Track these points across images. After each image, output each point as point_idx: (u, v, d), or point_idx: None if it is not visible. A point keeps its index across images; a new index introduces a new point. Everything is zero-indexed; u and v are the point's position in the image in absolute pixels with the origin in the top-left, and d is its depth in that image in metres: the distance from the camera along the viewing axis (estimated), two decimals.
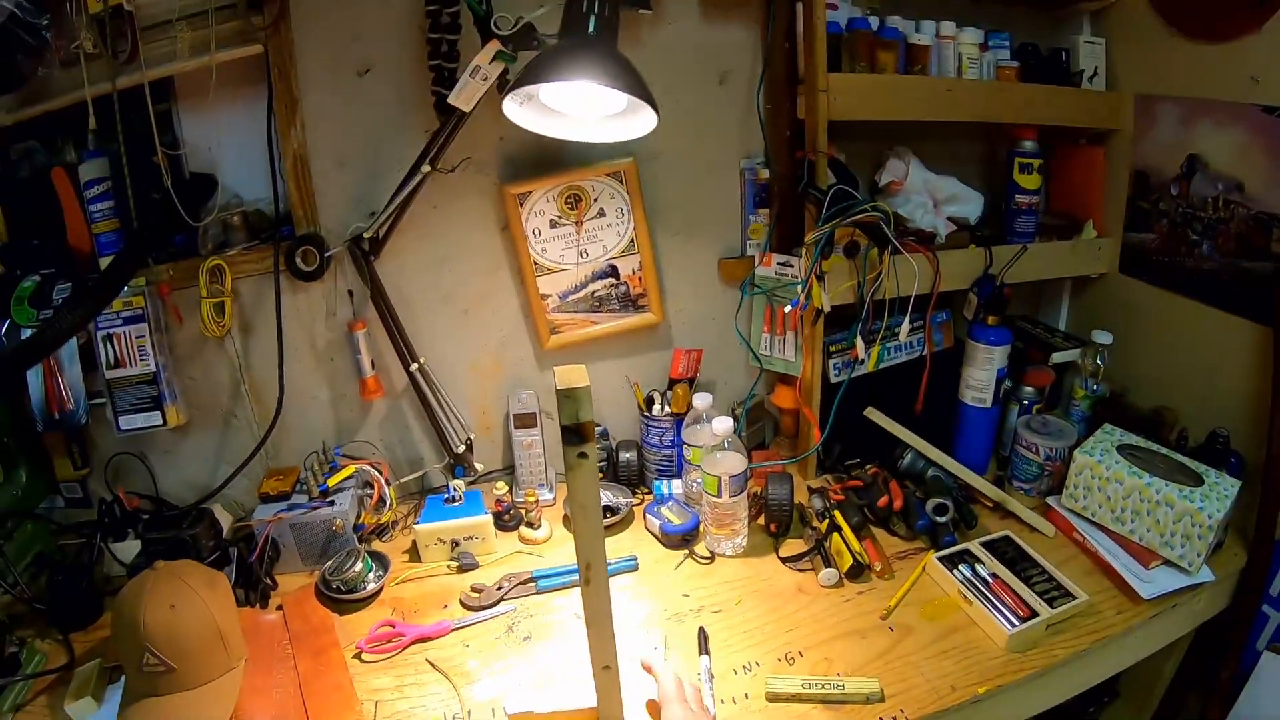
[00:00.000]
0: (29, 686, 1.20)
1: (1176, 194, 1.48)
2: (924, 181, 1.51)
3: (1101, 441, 1.38)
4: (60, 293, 1.34)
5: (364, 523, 1.47)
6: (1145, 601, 1.23)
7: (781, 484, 1.42)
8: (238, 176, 1.43)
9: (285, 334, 1.43)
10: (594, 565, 0.87)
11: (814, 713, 1.12)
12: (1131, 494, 1.29)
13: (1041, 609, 1.20)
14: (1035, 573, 1.28)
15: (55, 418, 1.38)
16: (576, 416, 0.81)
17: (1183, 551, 1.25)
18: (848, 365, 1.50)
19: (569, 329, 1.57)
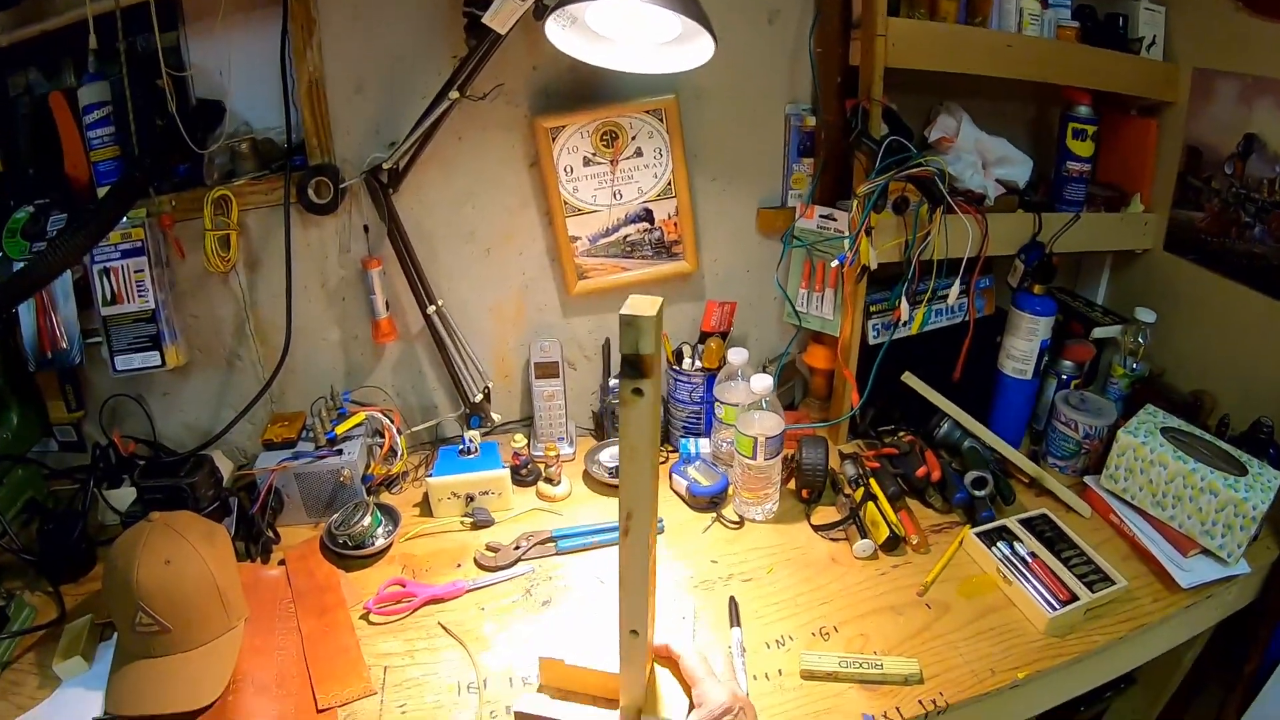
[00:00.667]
0: (16, 643, 1.09)
1: (1230, 173, 1.36)
2: (975, 140, 1.38)
3: (1145, 423, 1.27)
4: (55, 224, 1.23)
5: (373, 474, 1.34)
6: (1182, 590, 1.14)
7: (816, 448, 1.31)
8: (247, 102, 1.30)
9: (294, 271, 1.29)
10: (637, 515, 0.74)
11: (850, 692, 1.02)
12: (1175, 479, 1.18)
13: (1082, 593, 1.10)
14: (1074, 554, 1.18)
15: (48, 357, 1.26)
16: (636, 347, 0.67)
17: (1223, 542, 1.15)
18: (888, 327, 1.38)
19: (598, 274, 1.44)
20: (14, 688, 1.03)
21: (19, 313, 1.25)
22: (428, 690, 1.03)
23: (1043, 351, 1.38)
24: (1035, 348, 1.38)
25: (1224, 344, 1.40)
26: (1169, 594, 1.15)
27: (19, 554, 1.18)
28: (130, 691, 0.97)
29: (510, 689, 1.03)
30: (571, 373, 1.51)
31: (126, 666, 0.99)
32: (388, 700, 1.02)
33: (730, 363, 1.34)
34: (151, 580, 0.97)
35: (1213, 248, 1.40)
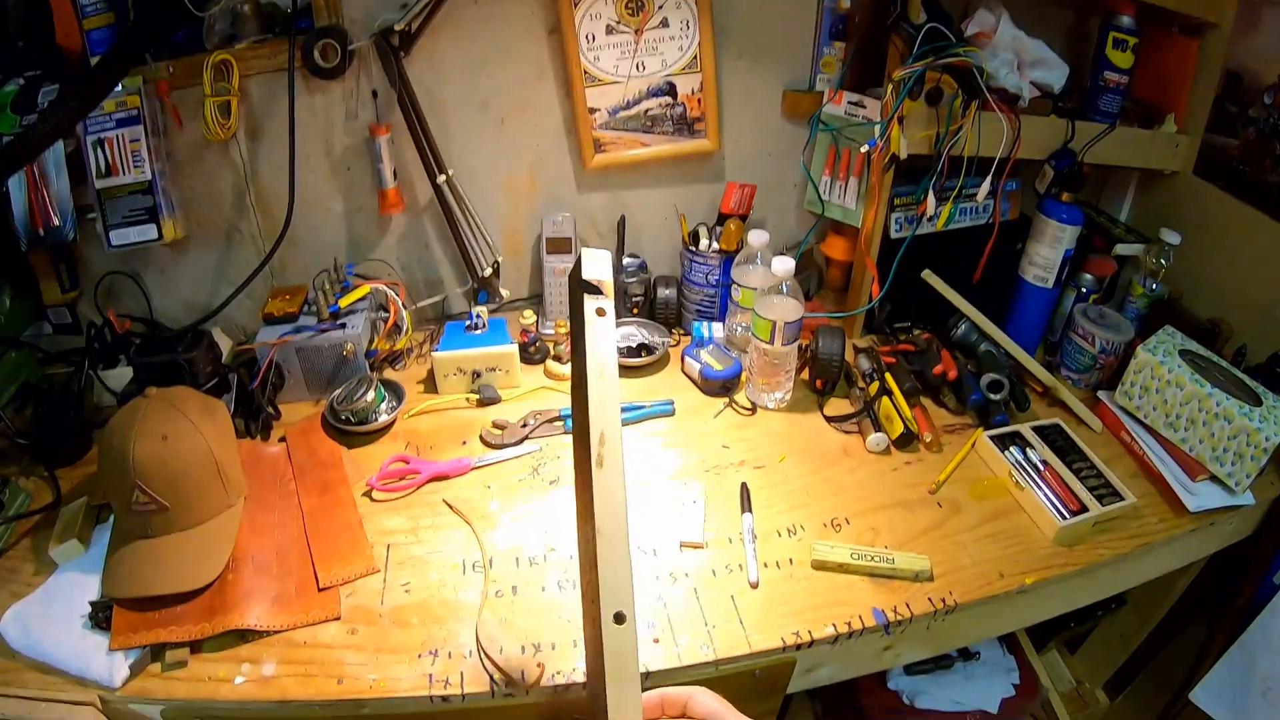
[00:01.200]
0: (11, 529, 1.03)
1: (1270, 103, 1.26)
2: (1012, 38, 1.27)
3: (1164, 343, 1.20)
4: (46, 96, 1.13)
5: (377, 348, 1.26)
6: (1188, 514, 1.09)
7: (833, 339, 1.24)
8: None
9: (298, 139, 1.19)
10: (610, 440, 0.62)
11: (860, 584, 0.97)
12: (1190, 401, 1.12)
13: (1091, 505, 1.05)
14: (1084, 466, 1.12)
15: (40, 234, 1.17)
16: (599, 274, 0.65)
17: (1232, 470, 1.10)
18: (911, 221, 1.29)
19: (615, 149, 1.34)
20: (10, 575, 0.99)
21: (9, 190, 1.16)
22: (432, 568, 0.98)
23: (1065, 261, 1.30)
24: (1059, 256, 1.29)
25: (1246, 274, 1.32)
26: (1174, 516, 1.10)
27: (13, 439, 1.11)
28: (127, 573, 0.92)
29: (516, 568, 0.98)
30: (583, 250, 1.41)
31: (123, 548, 0.94)
32: (391, 579, 0.97)
33: (750, 245, 1.26)
34: (148, 457, 0.92)
35: (1244, 177, 1.30)
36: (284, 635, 0.90)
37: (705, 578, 0.98)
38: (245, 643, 0.89)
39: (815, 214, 1.40)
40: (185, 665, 0.87)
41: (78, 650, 0.87)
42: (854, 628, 0.93)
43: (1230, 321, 1.33)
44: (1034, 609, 1.10)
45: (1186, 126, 1.38)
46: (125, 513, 0.94)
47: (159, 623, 0.89)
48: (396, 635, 0.91)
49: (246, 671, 0.87)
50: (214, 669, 0.87)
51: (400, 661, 0.88)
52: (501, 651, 0.88)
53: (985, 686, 1.38)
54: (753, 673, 0.92)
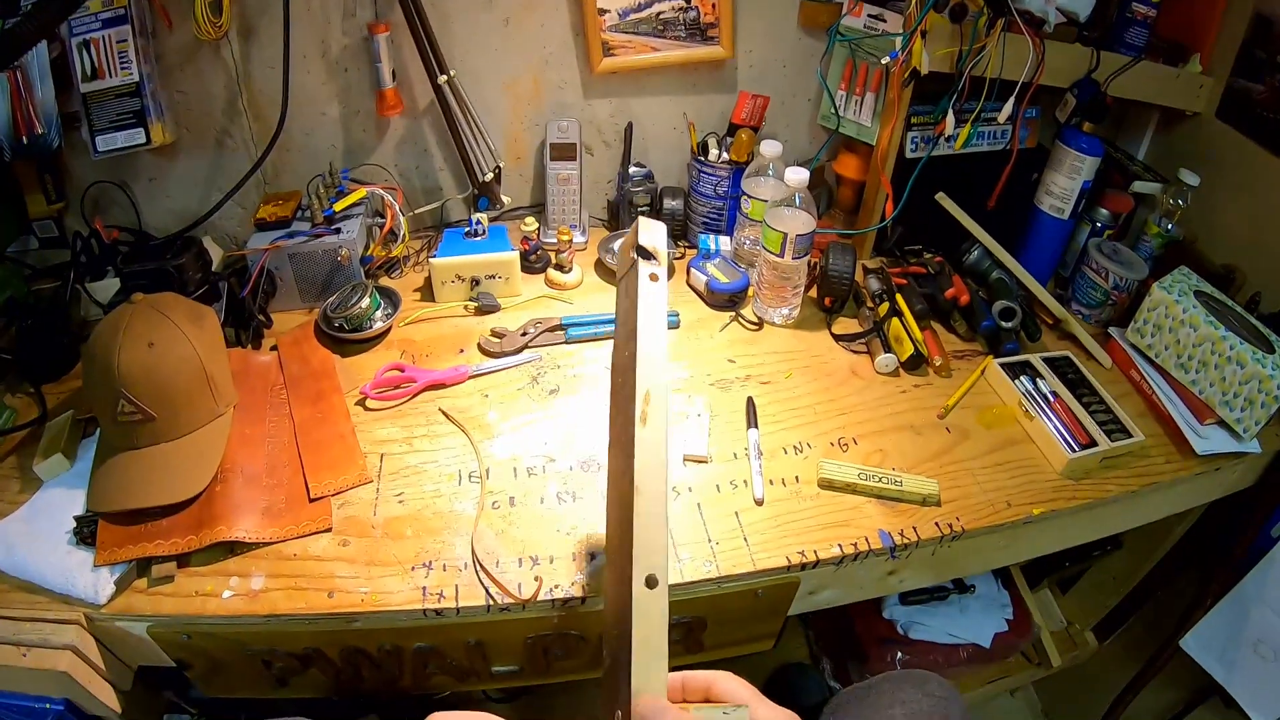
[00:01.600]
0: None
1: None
2: None
3: (1180, 282, 1.14)
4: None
5: (372, 255, 1.19)
6: (1195, 457, 1.04)
7: (844, 256, 1.17)
8: None
9: (293, 38, 1.10)
10: (656, 397, 0.61)
11: (867, 506, 0.92)
12: (1203, 343, 1.06)
13: (1100, 439, 1.00)
14: (1094, 401, 1.07)
15: (24, 143, 1.08)
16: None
17: (1240, 416, 1.05)
18: (928, 141, 1.22)
19: (624, 52, 1.24)
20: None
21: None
22: (426, 479, 0.93)
23: (1083, 193, 1.23)
24: (1076, 187, 1.23)
25: (1263, 222, 1.25)
26: (1181, 458, 1.05)
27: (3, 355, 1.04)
28: (112, 486, 0.86)
29: (514, 479, 0.92)
30: (588, 158, 1.35)
31: (109, 460, 0.88)
32: (384, 489, 0.91)
33: (763, 155, 1.18)
34: (134, 365, 0.85)
35: (1267, 123, 1.23)
36: (274, 548, 0.85)
37: (709, 493, 0.93)
38: (234, 556, 0.84)
39: (829, 129, 1.32)
40: (172, 580, 0.82)
41: (62, 567, 0.82)
42: (860, 549, 0.88)
43: (1245, 269, 1.27)
44: (1037, 542, 1.06)
45: (1211, 68, 1.30)
46: (111, 424, 0.88)
47: (145, 536, 0.83)
48: (389, 547, 0.85)
49: (235, 585, 0.81)
50: (201, 583, 0.82)
51: (393, 574, 0.83)
52: (498, 565, 0.83)
53: (979, 621, 1.35)
54: (755, 592, 0.88)
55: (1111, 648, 1.52)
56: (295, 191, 1.20)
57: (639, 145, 1.35)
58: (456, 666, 0.90)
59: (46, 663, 0.78)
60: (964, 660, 1.34)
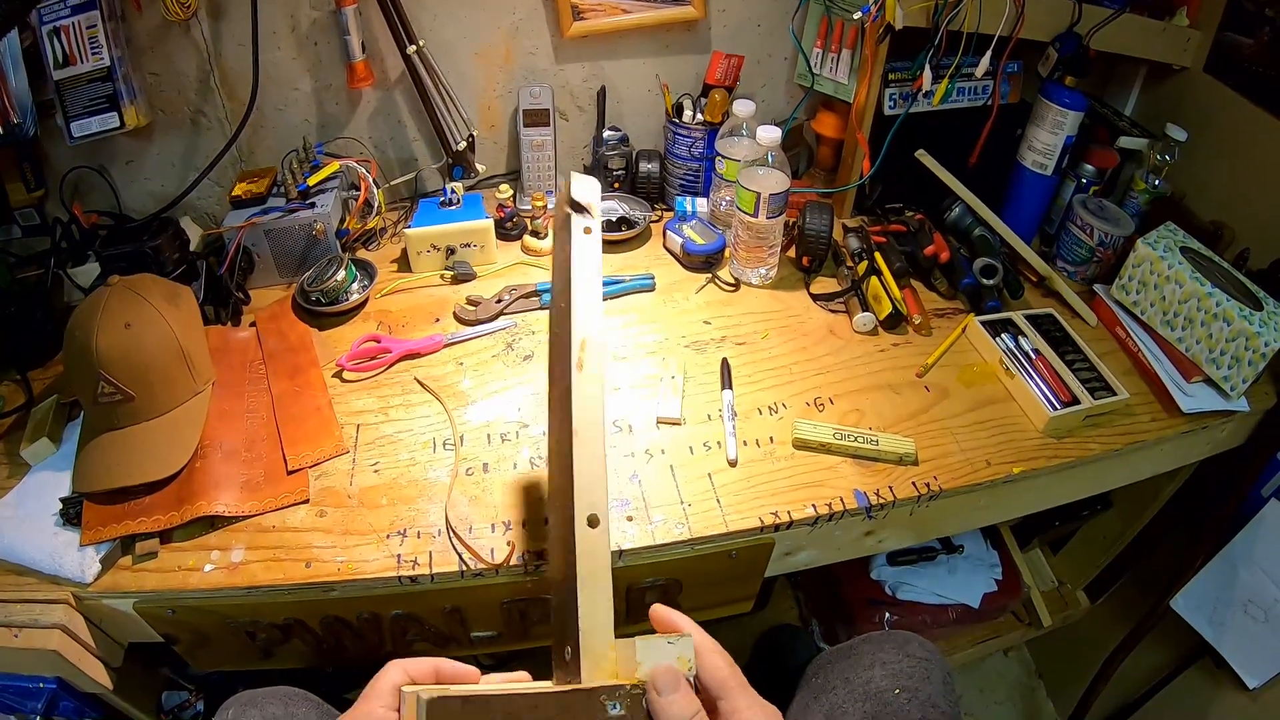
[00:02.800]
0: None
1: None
2: None
3: (1165, 238, 1.11)
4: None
5: (348, 228, 1.18)
6: (1181, 415, 1.02)
7: (821, 214, 1.16)
8: None
9: (261, 15, 1.09)
10: (591, 344, 0.62)
11: (843, 466, 0.92)
12: (1189, 300, 1.04)
13: (1083, 397, 0.99)
14: (1077, 359, 1.05)
15: (0, 133, 1.08)
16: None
17: (1228, 373, 1.03)
18: (906, 97, 1.20)
19: (595, 15, 1.22)
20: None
21: None
22: (402, 448, 0.93)
23: (1066, 149, 1.21)
24: (1059, 143, 1.20)
25: (1252, 178, 1.22)
26: (1167, 416, 1.03)
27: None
28: (96, 466, 0.87)
29: (488, 446, 0.92)
30: (563, 124, 1.33)
31: (92, 441, 0.90)
32: (360, 459, 0.91)
33: (736, 115, 1.17)
34: (111, 346, 0.86)
35: (1257, 78, 1.19)
36: (253, 520, 0.86)
37: (682, 455, 0.92)
38: (214, 530, 0.85)
39: (805, 88, 1.30)
40: (155, 556, 0.83)
41: (49, 549, 0.83)
42: (834, 510, 0.87)
43: (1233, 225, 1.25)
44: (1020, 501, 1.05)
45: (1199, 21, 1.27)
46: (92, 405, 0.89)
47: (128, 514, 0.84)
48: (365, 516, 0.86)
49: (216, 559, 0.82)
50: (184, 558, 0.83)
51: (368, 543, 0.83)
52: (471, 530, 0.84)
53: (968, 580, 1.34)
54: (729, 553, 0.88)
55: (1103, 608, 1.51)
56: (270, 168, 1.20)
57: (613, 109, 1.33)
58: (436, 633, 0.90)
59: (37, 642, 0.80)
60: (953, 621, 1.33)
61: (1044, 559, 1.57)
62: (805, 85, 1.29)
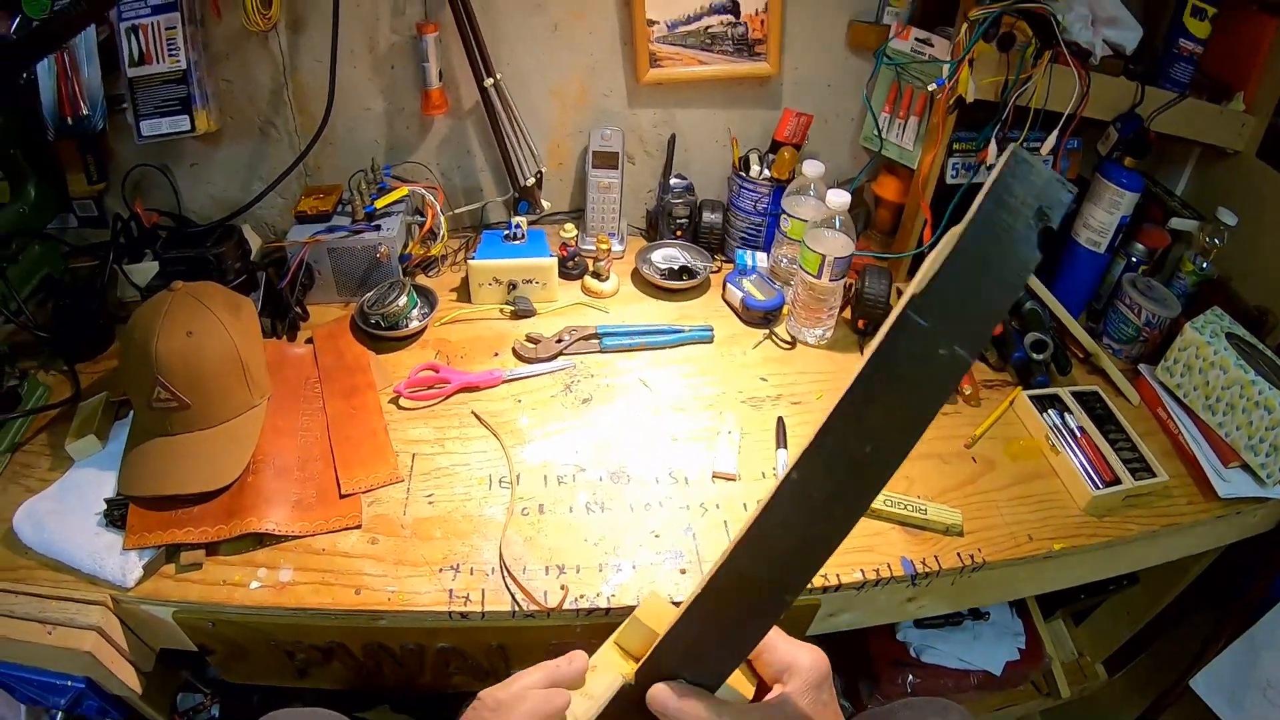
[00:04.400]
0: (29, 423, 0.97)
1: None
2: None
3: (1212, 323, 1.13)
4: None
5: (411, 253, 1.19)
6: (1218, 500, 1.03)
7: (880, 279, 1.17)
8: None
9: (341, 33, 1.10)
10: None
11: (891, 532, 0.92)
12: (1232, 386, 1.05)
13: (1125, 477, 0.99)
14: (1120, 438, 1.05)
15: (68, 123, 1.09)
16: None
17: (1265, 460, 1.03)
18: (969, 168, 1.22)
19: (671, 64, 1.24)
20: (25, 470, 0.93)
21: (38, 78, 1.08)
22: (457, 481, 0.93)
23: (1120, 228, 1.22)
24: (1114, 222, 1.21)
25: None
26: (1203, 500, 1.03)
27: (34, 332, 1.05)
28: (145, 470, 0.86)
29: (544, 487, 0.92)
30: (629, 167, 1.34)
31: (142, 445, 0.88)
32: (414, 489, 0.91)
33: (805, 174, 1.18)
34: (171, 352, 0.86)
35: None
36: (302, 541, 0.85)
37: (736, 511, 0.92)
38: (262, 547, 0.85)
39: (871, 151, 1.31)
40: (200, 567, 0.83)
41: (91, 549, 0.82)
42: (881, 575, 0.87)
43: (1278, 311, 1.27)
44: (1056, 576, 1.05)
45: (1255, 107, 1.29)
46: (145, 409, 0.88)
47: (175, 523, 0.84)
48: (418, 548, 0.86)
49: (263, 576, 0.82)
50: (229, 572, 0.82)
51: (420, 575, 0.83)
52: (525, 571, 0.83)
53: (991, 648, 1.34)
54: None
55: (1121, 682, 1.50)
56: (336, 185, 1.21)
57: (680, 157, 1.34)
58: (477, 667, 0.90)
59: (71, 642, 0.79)
60: (974, 686, 1.33)
61: (1066, 630, 1.57)
62: (872, 149, 1.30)
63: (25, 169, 1.13)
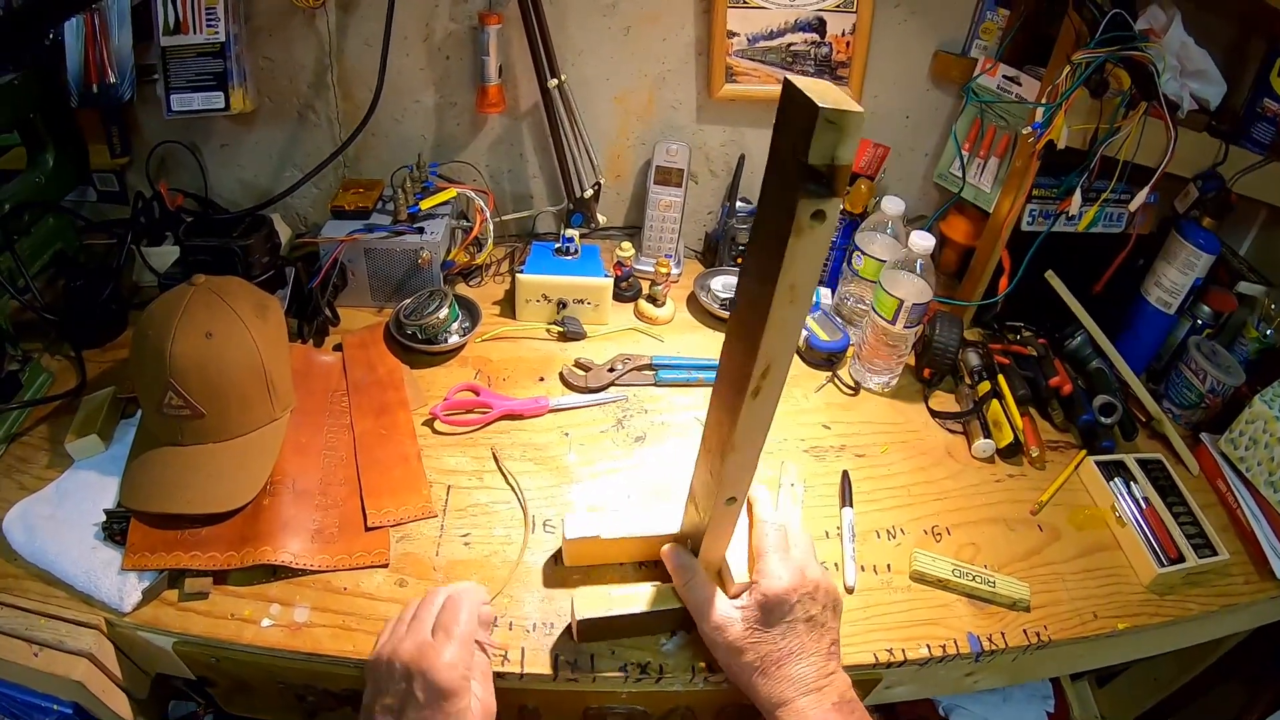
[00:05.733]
0: (28, 413, 0.87)
1: None
2: (1180, 44, 1.10)
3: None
4: None
5: (454, 260, 1.08)
6: (1273, 579, 0.94)
7: (951, 327, 1.07)
8: None
9: (396, 17, 1.00)
10: (774, 371, 0.53)
11: (958, 605, 0.83)
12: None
13: (1189, 554, 0.90)
14: (1183, 511, 0.97)
15: (94, 91, 0.99)
16: (833, 155, 0.43)
17: None
18: (1047, 216, 1.12)
19: (748, 80, 1.13)
20: (20, 464, 0.83)
21: (64, 40, 0.98)
22: (497, 521, 0.82)
23: (1193, 290, 1.14)
24: (1188, 284, 1.12)
25: None
26: (1260, 579, 0.95)
27: (41, 312, 0.94)
28: (150, 483, 0.76)
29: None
30: (692, 186, 1.23)
31: (148, 453, 0.79)
32: (448, 526, 0.81)
33: (884, 210, 1.08)
34: (188, 355, 0.76)
35: None
36: (322, 577, 0.75)
37: None
38: (277, 580, 0.74)
39: (944, 188, 1.22)
40: (206, 597, 0.72)
41: (86, 565, 0.72)
42: (947, 652, 0.78)
43: None
44: (1112, 653, 0.96)
45: None
46: (154, 413, 0.78)
47: (180, 544, 0.73)
48: None
49: (276, 614, 0.71)
50: (238, 605, 0.72)
51: None
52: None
53: (1021, 710, 1.25)
54: None
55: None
56: (377, 180, 1.10)
57: (747, 179, 1.23)
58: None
59: (60, 668, 0.68)
60: None
61: (1090, 691, 1.49)
62: (947, 187, 1.21)
63: (44, 136, 1.02)
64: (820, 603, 0.68)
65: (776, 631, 0.66)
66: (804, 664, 0.66)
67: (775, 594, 0.66)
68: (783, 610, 0.66)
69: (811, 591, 0.68)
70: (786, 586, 0.66)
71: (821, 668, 0.66)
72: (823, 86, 0.44)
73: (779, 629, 0.66)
